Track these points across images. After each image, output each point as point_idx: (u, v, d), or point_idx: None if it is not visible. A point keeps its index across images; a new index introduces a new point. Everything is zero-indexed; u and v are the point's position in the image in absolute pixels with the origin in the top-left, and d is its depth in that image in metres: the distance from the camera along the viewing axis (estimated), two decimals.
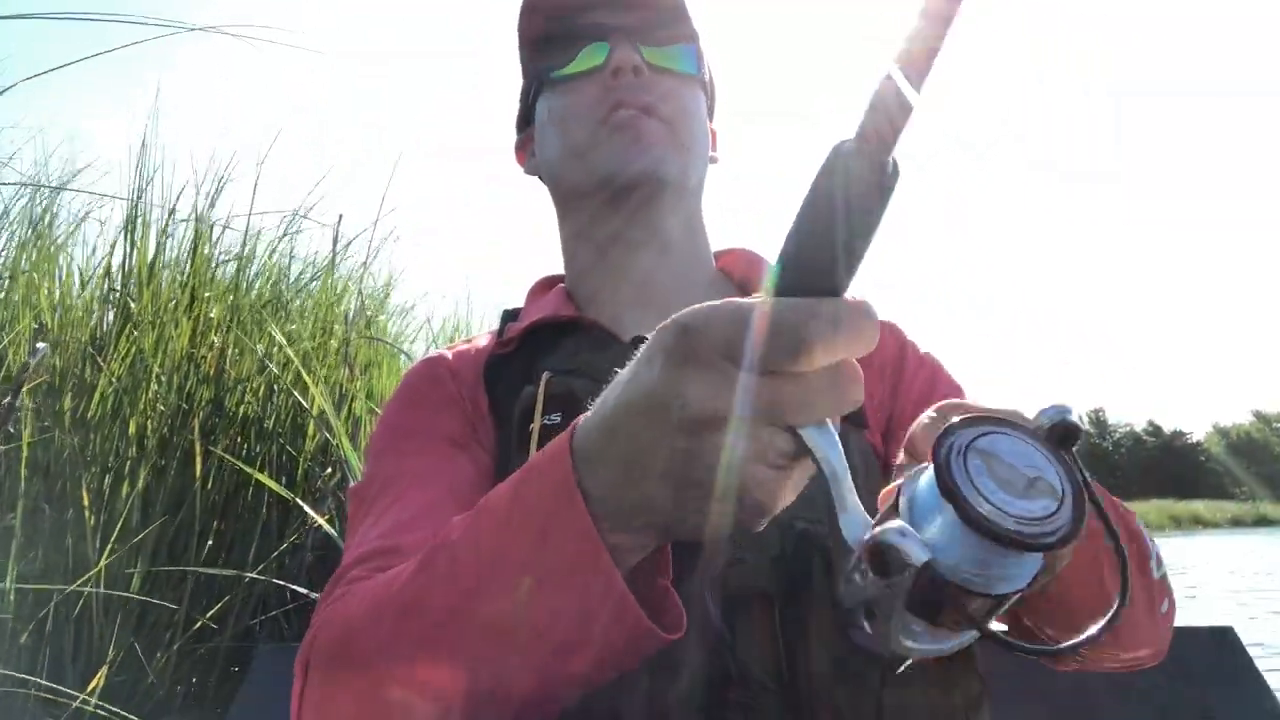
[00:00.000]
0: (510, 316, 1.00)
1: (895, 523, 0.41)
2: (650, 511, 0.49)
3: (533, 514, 0.52)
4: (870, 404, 0.86)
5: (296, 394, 2.89)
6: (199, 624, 2.39)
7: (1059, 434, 0.43)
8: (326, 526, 2.56)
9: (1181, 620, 0.88)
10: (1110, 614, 0.42)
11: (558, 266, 1.04)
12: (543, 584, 0.52)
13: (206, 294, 2.90)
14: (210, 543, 2.60)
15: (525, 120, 1.02)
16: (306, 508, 2.59)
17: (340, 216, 3.66)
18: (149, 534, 2.35)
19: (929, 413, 0.56)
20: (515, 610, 0.52)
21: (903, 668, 0.44)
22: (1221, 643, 1.26)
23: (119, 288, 2.78)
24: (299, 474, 2.91)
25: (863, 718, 0.66)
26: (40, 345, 1.64)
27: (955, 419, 0.43)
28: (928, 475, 0.42)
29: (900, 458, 0.55)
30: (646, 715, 0.65)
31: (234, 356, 2.90)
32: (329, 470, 2.86)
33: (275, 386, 2.94)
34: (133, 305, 2.70)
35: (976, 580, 0.40)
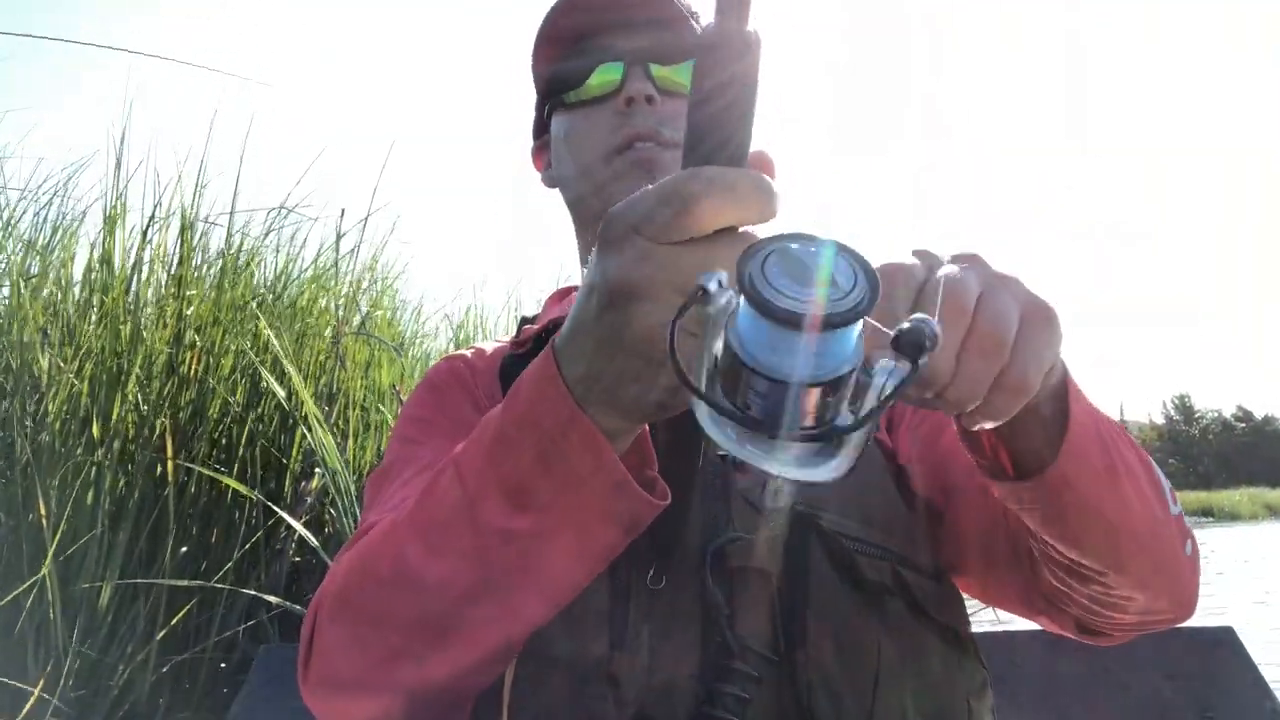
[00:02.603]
0: (527, 322, 1.03)
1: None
2: (607, 385, 0.52)
3: (520, 400, 0.57)
4: None
5: (280, 396, 2.81)
6: (163, 634, 2.31)
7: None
8: (303, 531, 2.46)
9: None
10: None
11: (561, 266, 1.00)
12: (539, 459, 0.56)
13: (189, 292, 2.85)
14: (185, 549, 2.53)
15: (541, 128, 1.03)
16: (283, 513, 2.50)
17: (342, 210, 3.60)
18: (119, 541, 2.28)
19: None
20: (516, 488, 0.57)
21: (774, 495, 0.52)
22: (1221, 643, 1.26)
23: (97, 288, 2.74)
24: (287, 477, 2.83)
25: (859, 693, 0.68)
26: None
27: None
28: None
29: None
30: (647, 684, 0.68)
31: (220, 354, 2.83)
32: (316, 475, 2.77)
33: (261, 387, 2.87)
34: (106, 300, 2.65)
35: (771, 362, 0.41)
